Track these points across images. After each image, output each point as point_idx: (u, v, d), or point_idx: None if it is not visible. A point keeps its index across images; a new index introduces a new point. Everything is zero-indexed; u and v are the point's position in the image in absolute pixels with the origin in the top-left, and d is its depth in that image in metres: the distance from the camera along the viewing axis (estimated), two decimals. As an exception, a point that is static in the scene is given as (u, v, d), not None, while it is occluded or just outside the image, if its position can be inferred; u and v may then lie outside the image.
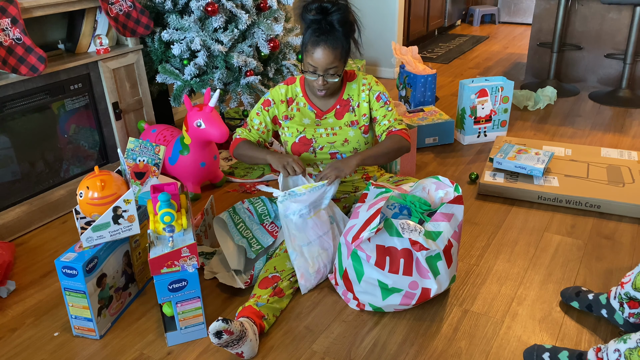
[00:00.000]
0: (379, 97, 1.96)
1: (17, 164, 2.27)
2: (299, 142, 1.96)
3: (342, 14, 1.74)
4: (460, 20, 6.64)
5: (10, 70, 2.06)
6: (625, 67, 3.68)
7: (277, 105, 1.98)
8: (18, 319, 1.78)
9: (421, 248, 1.57)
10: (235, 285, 1.81)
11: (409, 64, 3.38)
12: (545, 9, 3.98)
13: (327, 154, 1.97)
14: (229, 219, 1.98)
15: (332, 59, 1.76)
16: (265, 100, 1.99)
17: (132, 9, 2.50)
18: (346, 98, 1.97)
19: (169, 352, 1.61)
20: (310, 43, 1.76)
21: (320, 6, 1.74)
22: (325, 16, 1.74)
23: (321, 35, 1.74)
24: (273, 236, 1.92)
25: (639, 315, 1.53)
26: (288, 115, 1.98)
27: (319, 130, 1.95)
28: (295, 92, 1.98)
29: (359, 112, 1.97)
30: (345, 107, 1.96)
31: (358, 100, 1.96)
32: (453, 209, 1.65)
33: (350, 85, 1.97)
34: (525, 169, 2.45)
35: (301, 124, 1.97)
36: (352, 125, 1.96)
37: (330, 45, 1.74)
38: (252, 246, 1.90)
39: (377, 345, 1.60)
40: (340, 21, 1.74)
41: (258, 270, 1.83)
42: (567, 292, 1.73)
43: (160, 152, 1.84)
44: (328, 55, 1.75)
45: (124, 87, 2.62)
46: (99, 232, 1.59)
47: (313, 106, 1.97)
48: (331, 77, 1.81)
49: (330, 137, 1.95)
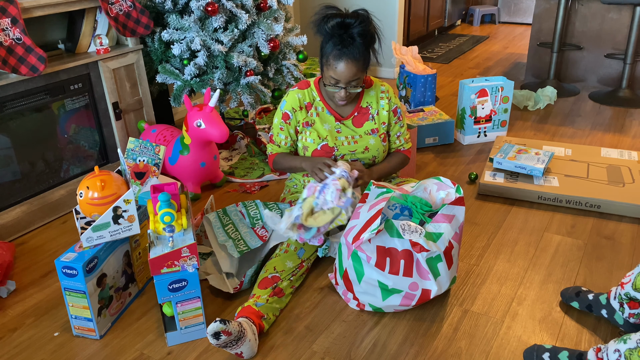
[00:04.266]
0: (396, 110, 1.99)
1: (17, 164, 2.27)
2: (320, 150, 1.94)
3: (363, 27, 1.72)
4: (460, 20, 6.64)
5: (10, 70, 2.06)
6: (625, 67, 3.68)
7: (296, 114, 1.95)
8: (18, 319, 1.78)
9: (422, 249, 1.57)
10: (224, 288, 1.79)
11: (409, 64, 3.38)
12: (545, 9, 3.98)
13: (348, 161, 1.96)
14: (215, 219, 1.97)
15: (355, 72, 1.76)
16: (283, 113, 1.96)
17: (132, 9, 2.50)
18: (365, 106, 1.95)
19: (169, 352, 1.61)
20: (333, 57, 1.75)
21: (343, 22, 1.73)
22: (347, 29, 1.73)
23: (343, 49, 1.72)
24: (262, 240, 1.89)
25: (639, 316, 1.53)
26: (309, 121, 1.95)
27: (340, 139, 1.94)
28: (313, 96, 1.96)
29: (378, 120, 1.96)
30: (365, 115, 1.95)
31: (377, 108, 1.96)
32: (454, 210, 1.65)
33: (368, 92, 1.96)
34: (525, 169, 2.45)
35: (322, 129, 1.94)
36: (373, 133, 1.95)
37: (352, 58, 1.73)
38: (237, 246, 1.87)
39: (377, 345, 1.60)
40: (361, 34, 1.72)
41: (249, 277, 1.81)
42: (567, 292, 1.73)
43: (160, 152, 1.84)
44: (351, 68, 1.74)
45: (124, 87, 2.62)
46: (99, 232, 1.59)
47: (332, 111, 1.95)
48: (354, 88, 1.81)
49: (352, 145, 1.94)
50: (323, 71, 1.83)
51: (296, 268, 1.81)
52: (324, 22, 1.76)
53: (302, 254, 1.84)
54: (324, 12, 1.78)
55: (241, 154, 2.98)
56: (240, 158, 2.94)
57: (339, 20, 1.73)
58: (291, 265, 1.80)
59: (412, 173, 2.67)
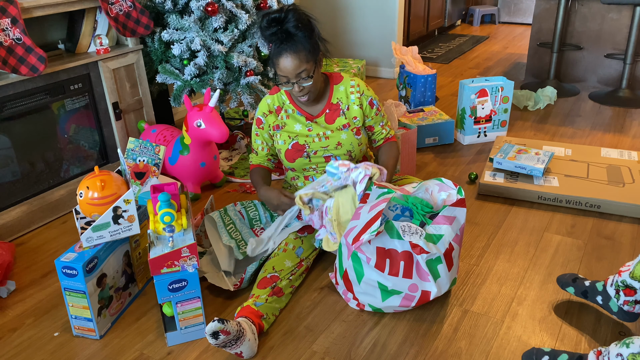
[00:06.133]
0: (372, 103, 1.99)
1: (17, 164, 2.27)
2: (292, 149, 1.96)
3: (294, 19, 1.76)
4: (460, 20, 6.64)
5: (10, 71, 2.06)
6: (625, 67, 3.68)
7: (267, 119, 2.00)
8: (18, 319, 1.78)
9: (422, 251, 1.56)
10: (223, 286, 1.79)
11: (409, 64, 3.38)
12: (545, 9, 3.98)
13: (322, 157, 1.97)
14: (219, 218, 1.98)
15: (297, 63, 1.78)
16: (257, 119, 2.03)
17: (132, 9, 2.50)
18: (335, 102, 1.97)
19: (169, 352, 1.61)
20: (274, 55, 1.79)
21: (271, 18, 1.77)
22: (280, 26, 1.77)
23: (281, 45, 1.77)
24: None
25: (633, 303, 1.54)
26: (279, 124, 1.99)
27: (311, 136, 1.96)
28: (282, 99, 2.00)
29: (349, 115, 1.97)
30: (336, 112, 1.97)
31: (347, 103, 1.97)
32: (455, 212, 1.64)
33: (338, 88, 1.98)
34: (525, 169, 2.45)
35: (292, 130, 1.97)
36: (344, 128, 1.96)
37: (292, 51, 1.76)
38: (240, 248, 1.88)
39: (377, 345, 1.60)
40: (295, 26, 1.76)
41: (249, 274, 1.82)
42: (563, 278, 1.73)
43: (160, 152, 1.84)
44: (292, 60, 1.77)
45: (124, 87, 2.62)
46: (99, 232, 1.59)
47: (302, 111, 1.98)
48: (304, 80, 1.82)
49: (323, 141, 1.95)
50: (275, 73, 1.86)
51: (295, 267, 1.81)
52: (263, 30, 1.80)
53: (300, 252, 1.84)
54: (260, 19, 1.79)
55: (241, 154, 2.99)
56: (240, 158, 2.94)
57: (269, 18, 1.77)
58: (290, 265, 1.80)
59: (412, 173, 2.67)
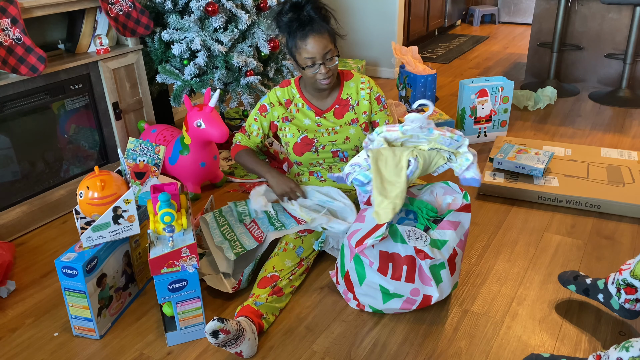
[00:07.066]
0: (379, 99, 2.01)
1: (17, 164, 2.27)
2: (300, 142, 1.96)
3: (313, 3, 1.81)
4: (460, 20, 6.64)
5: (10, 70, 2.06)
6: (625, 67, 3.68)
7: (274, 109, 2.00)
8: (18, 319, 1.78)
9: (426, 257, 1.55)
10: (222, 289, 1.79)
11: (409, 64, 3.38)
12: (545, 9, 3.98)
13: (329, 152, 1.97)
14: (212, 219, 1.98)
15: (325, 43, 1.81)
16: (261, 105, 2.02)
17: (132, 9, 2.50)
18: (345, 97, 1.98)
19: (169, 352, 1.61)
20: (300, 39, 1.81)
21: (292, 3, 1.81)
22: (301, 10, 1.80)
23: (306, 27, 1.80)
24: (258, 241, 1.88)
25: (634, 302, 1.54)
26: (288, 116, 1.99)
27: (320, 130, 1.97)
28: (292, 93, 2.01)
29: (358, 110, 1.99)
30: (345, 107, 1.98)
31: (357, 99, 1.99)
32: (460, 217, 1.64)
33: (348, 84, 1.99)
34: (525, 169, 2.45)
35: (302, 124, 1.98)
36: (353, 123, 1.98)
37: (317, 32, 1.80)
38: (234, 248, 1.86)
39: (377, 345, 1.60)
40: (314, 9, 1.81)
41: (247, 276, 1.82)
42: (564, 275, 1.73)
43: (160, 152, 1.84)
44: (320, 41, 1.80)
45: (124, 87, 2.62)
46: (99, 232, 1.59)
47: (311, 106, 1.99)
48: (330, 61, 1.85)
49: (332, 135, 1.96)
50: (298, 62, 1.87)
51: (295, 267, 1.81)
52: (280, 17, 1.84)
53: (300, 252, 1.84)
54: (276, 8, 1.85)
55: (241, 154, 2.98)
56: (240, 158, 2.93)
57: (290, 4, 1.81)
58: (290, 264, 1.80)
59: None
